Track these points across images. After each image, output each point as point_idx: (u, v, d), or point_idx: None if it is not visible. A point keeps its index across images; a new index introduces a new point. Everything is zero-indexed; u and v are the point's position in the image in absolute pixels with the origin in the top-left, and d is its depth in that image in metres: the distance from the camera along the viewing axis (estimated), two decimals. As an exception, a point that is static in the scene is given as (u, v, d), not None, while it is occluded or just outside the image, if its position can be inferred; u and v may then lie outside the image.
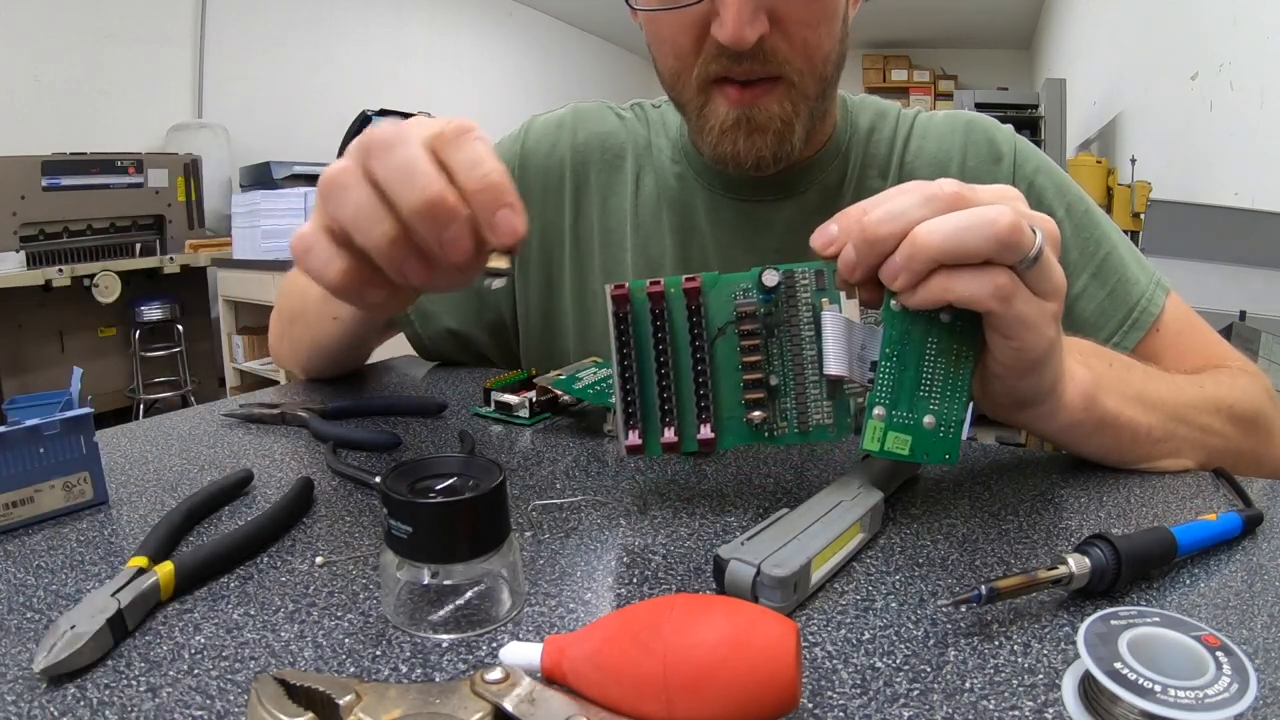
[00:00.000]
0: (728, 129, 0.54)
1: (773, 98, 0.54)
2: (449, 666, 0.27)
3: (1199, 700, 0.21)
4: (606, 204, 0.69)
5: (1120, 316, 0.58)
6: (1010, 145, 0.64)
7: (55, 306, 2.94)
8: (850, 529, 0.34)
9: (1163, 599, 0.32)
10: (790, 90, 0.54)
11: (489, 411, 0.56)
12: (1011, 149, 0.63)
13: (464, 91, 5.76)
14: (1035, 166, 0.63)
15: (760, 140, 0.54)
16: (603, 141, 0.70)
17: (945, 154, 0.64)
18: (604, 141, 0.70)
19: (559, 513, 0.40)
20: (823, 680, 0.26)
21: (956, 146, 0.64)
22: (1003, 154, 0.63)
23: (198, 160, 3.41)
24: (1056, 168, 0.64)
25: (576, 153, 0.70)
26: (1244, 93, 2.20)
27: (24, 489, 0.38)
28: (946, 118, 0.66)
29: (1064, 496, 0.43)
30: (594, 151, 0.70)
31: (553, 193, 0.70)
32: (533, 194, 0.70)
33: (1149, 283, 0.59)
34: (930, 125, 0.66)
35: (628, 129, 0.70)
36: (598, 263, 0.69)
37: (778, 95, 0.54)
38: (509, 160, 0.72)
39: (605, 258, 0.68)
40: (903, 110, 0.68)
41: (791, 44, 0.52)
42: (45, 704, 0.25)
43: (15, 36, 3.20)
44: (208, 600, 0.31)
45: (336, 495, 0.42)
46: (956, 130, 0.65)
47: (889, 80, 7.32)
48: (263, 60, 4.28)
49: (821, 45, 0.53)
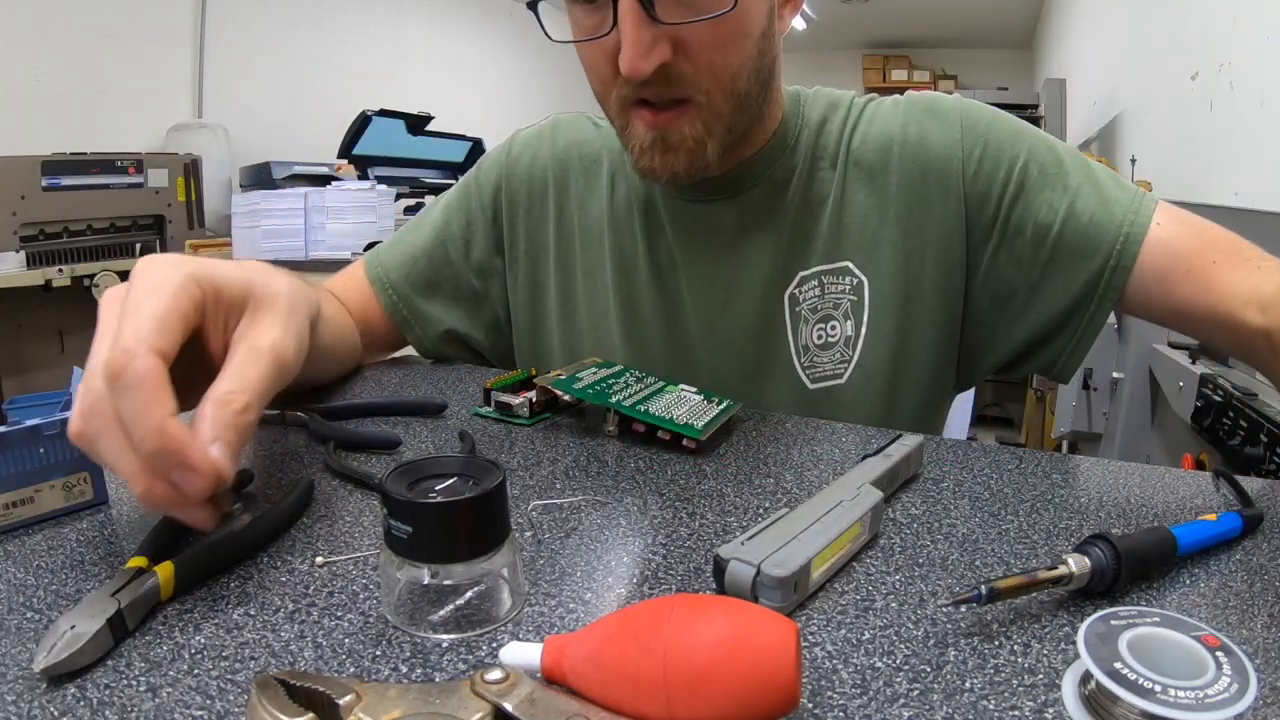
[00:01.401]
0: (645, 148, 0.58)
1: (684, 120, 0.56)
2: (449, 666, 0.27)
3: (1199, 700, 0.21)
4: (585, 207, 0.72)
5: (1113, 234, 0.57)
6: (956, 107, 0.64)
7: (55, 306, 2.94)
8: (850, 529, 0.34)
9: (1163, 599, 0.32)
10: (700, 111, 0.56)
11: (489, 411, 0.56)
12: (958, 111, 0.63)
13: (464, 91, 5.76)
14: (987, 122, 0.63)
15: (673, 158, 0.58)
16: (580, 149, 0.74)
17: (887, 135, 0.64)
18: (581, 149, 0.74)
19: (559, 513, 0.40)
20: (823, 680, 0.26)
21: (898, 124, 0.64)
22: (949, 117, 0.63)
23: (198, 160, 3.41)
24: (1011, 118, 0.64)
25: (557, 160, 0.74)
26: (1244, 93, 2.20)
27: (24, 489, 0.38)
28: (894, 101, 0.67)
29: (1064, 496, 0.43)
30: (573, 159, 0.74)
31: (536, 199, 0.74)
32: (519, 201, 0.74)
33: (1129, 196, 0.59)
34: (879, 110, 0.67)
35: (603, 137, 0.73)
36: (579, 262, 0.72)
37: (689, 117, 0.56)
38: (497, 172, 0.75)
39: (585, 257, 0.71)
40: (855, 99, 0.68)
41: (697, 67, 0.54)
42: (45, 704, 0.25)
43: (15, 36, 3.20)
44: (208, 600, 0.31)
45: (336, 495, 0.42)
46: (899, 109, 0.65)
47: (889, 80, 7.31)
48: (263, 60, 4.28)
49: (729, 65, 0.55)
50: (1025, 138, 0.62)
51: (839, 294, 0.64)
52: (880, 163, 0.64)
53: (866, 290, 0.64)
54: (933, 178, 0.62)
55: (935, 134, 0.63)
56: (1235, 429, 1.12)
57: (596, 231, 0.71)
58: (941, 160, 0.62)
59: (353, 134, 3.62)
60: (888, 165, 0.64)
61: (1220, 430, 1.17)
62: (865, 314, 0.64)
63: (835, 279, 0.64)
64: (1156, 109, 3.14)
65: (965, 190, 0.62)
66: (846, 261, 0.64)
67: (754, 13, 0.55)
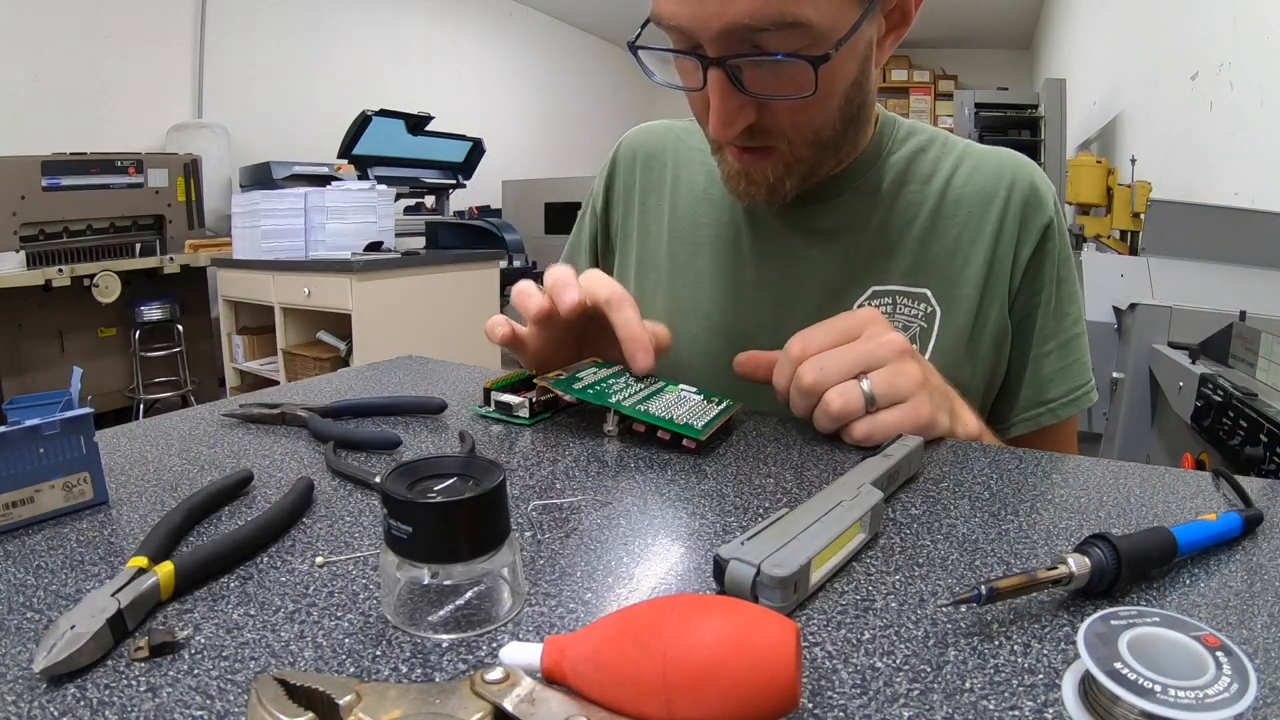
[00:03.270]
0: (732, 176, 0.63)
1: (766, 163, 0.60)
2: (449, 666, 0.27)
3: (1199, 700, 0.21)
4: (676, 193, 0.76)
5: (1069, 388, 0.67)
6: (1051, 204, 0.67)
7: (55, 306, 2.94)
8: (850, 529, 0.34)
9: (1163, 599, 0.32)
10: (783, 157, 0.59)
11: (489, 411, 0.56)
12: (1052, 208, 0.67)
13: (464, 91, 5.76)
14: (1062, 233, 0.68)
15: (755, 190, 0.62)
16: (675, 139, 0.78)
17: (992, 184, 0.67)
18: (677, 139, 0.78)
19: (559, 513, 0.40)
20: (823, 680, 0.26)
21: (1005, 182, 0.67)
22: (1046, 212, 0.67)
23: (198, 160, 3.41)
24: (1069, 242, 0.69)
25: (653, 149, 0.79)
26: (1244, 93, 2.20)
27: (24, 489, 0.38)
28: (997, 153, 0.70)
29: (1064, 496, 0.43)
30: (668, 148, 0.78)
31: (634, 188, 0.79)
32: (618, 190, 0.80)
33: (1090, 378, 0.69)
34: (986, 157, 0.69)
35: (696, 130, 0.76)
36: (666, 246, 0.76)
37: (771, 161, 0.60)
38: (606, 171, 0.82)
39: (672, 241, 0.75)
40: (951, 136, 0.72)
41: (781, 123, 0.57)
42: (45, 704, 0.25)
43: (15, 36, 3.20)
44: (208, 600, 0.31)
45: (336, 495, 0.42)
46: (1007, 165, 0.68)
47: (889, 80, 7.31)
48: (263, 60, 4.28)
49: (812, 123, 0.57)
50: (1064, 269, 0.68)
51: (910, 317, 0.66)
52: (979, 210, 0.67)
53: (938, 321, 0.65)
54: (1020, 239, 0.66)
55: (1032, 215, 0.66)
56: (1235, 429, 1.12)
57: (689, 218, 0.74)
58: (1036, 227, 0.66)
59: (353, 134, 3.62)
60: (985, 215, 0.66)
61: (1220, 430, 1.17)
62: (931, 344, 0.65)
63: (911, 302, 0.66)
64: (1156, 109, 3.14)
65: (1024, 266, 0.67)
66: (925, 289, 0.66)
67: (842, 75, 0.55)
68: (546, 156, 6.36)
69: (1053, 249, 0.67)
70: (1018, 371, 0.69)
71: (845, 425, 0.50)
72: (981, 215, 0.66)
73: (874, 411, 0.49)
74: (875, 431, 0.49)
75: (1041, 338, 0.67)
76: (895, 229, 0.67)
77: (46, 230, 2.90)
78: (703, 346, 0.70)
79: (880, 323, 0.52)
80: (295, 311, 2.90)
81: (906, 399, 0.50)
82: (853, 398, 0.49)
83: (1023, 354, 0.68)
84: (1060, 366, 0.68)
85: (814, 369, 0.50)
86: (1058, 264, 0.67)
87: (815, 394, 0.50)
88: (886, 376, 0.49)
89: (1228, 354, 1.40)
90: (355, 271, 2.63)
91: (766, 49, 0.50)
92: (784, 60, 0.51)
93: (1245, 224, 1.90)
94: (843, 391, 0.49)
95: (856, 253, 0.67)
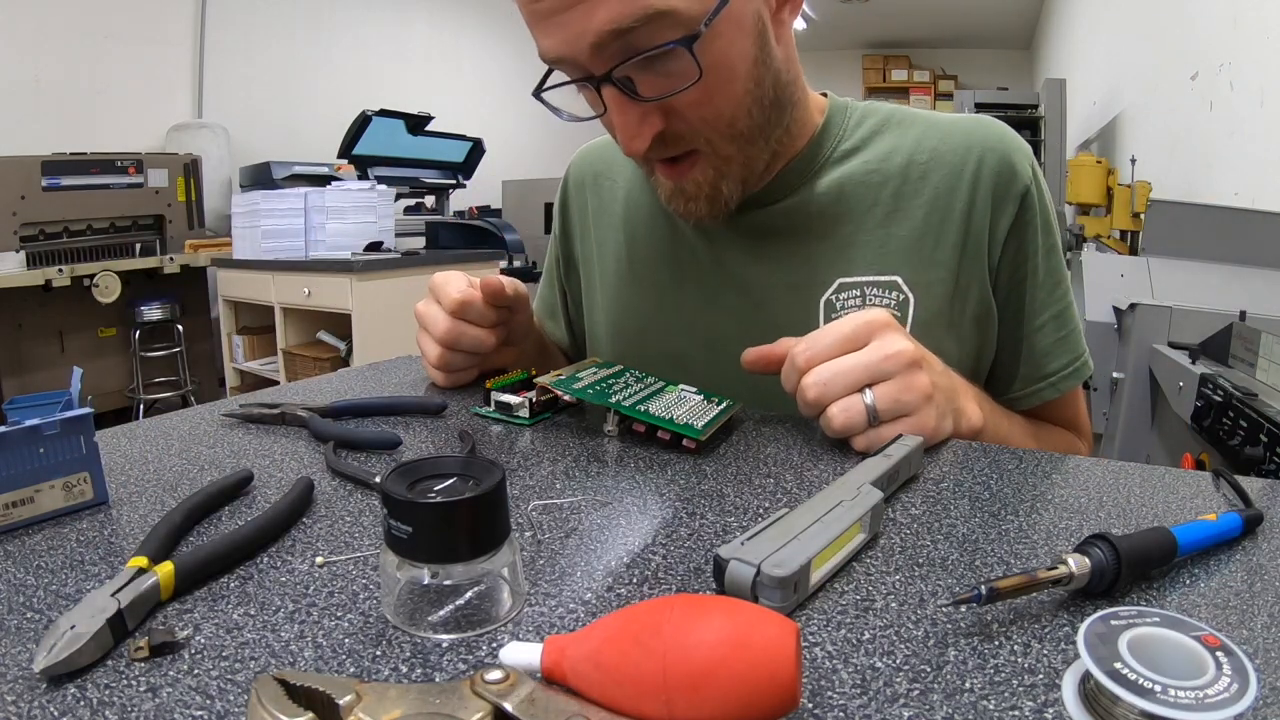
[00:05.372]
0: (670, 196, 0.61)
1: (695, 170, 0.58)
2: (449, 666, 0.27)
3: (1199, 700, 0.21)
4: (627, 206, 0.75)
5: (1068, 360, 0.66)
6: (1028, 169, 0.63)
7: (55, 306, 2.94)
8: (850, 529, 0.34)
9: (1163, 599, 0.32)
10: (708, 158, 0.58)
11: (489, 411, 0.56)
12: (1029, 173, 0.63)
13: (464, 91, 5.76)
14: (1043, 198, 0.64)
15: (694, 205, 0.61)
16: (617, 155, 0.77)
17: (959, 157, 0.63)
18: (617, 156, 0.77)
19: (559, 513, 0.40)
20: (823, 680, 0.26)
21: (974, 155, 0.63)
22: (1021, 179, 0.63)
23: (198, 160, 3.41)
24: (1051, 202, 0.66)
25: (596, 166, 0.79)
26: (1244, 93, 2.20)
27: (24, 489, 0.38)
28: (957, 123, 0.66)
29: (1064, 496, 0.43)
30: (614, 163, 0.78)
31: (586, 204, 0.79)
32: (572, 208, 0.81)
33: (1085, 348, 0.67)
34: (954, 127, 0.65)
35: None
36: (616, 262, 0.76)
37: (700, 166, 0.58)
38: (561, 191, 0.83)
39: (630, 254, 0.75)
40: (915, 112, 0.68)
41: (691, 125, 0.55)
42: (45, 704, 0.25)
43: (15, 36, 3.20)
44: (208, 600, 0.31)
45: (336, 495, 0.42)
46: (973, 132, 0.64)
47: (889, 80, 7.32)
48: (263, 60, 4.28)
49: (722, 114, 0.56)
50: (1050, 235, 0.65)
51: (882, 308, 0.62)
52: (946, 185, 0.63)
53: (911, 308, 0.62)
54: (995, 212, 0.63)
55: (1007, 184, 0.62)
56: (1235, 429, 1.12)
57: (643, 228, 0.73)
58: (1012, 196, 0.62)
59: (353, 134, 3.61)
60: (954, 189, 0.63)
61: (1220, 430, 1.17)
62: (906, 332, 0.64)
63: (881, 292, 0.63)
64: (1156, 109, 3.14)
65: (1003, 240, 0.63)
66: (896, 276, 0.63)
67: (735, 55, 0.53)
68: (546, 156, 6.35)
69: (1033, 218, 0.63)
70: (1012, 347, 0.66)
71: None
72: (950, 190, 0.62)
73: (877, 425, 0.48)
74: (877, 445, 0.48)
75: (1034, 310, 0.65)
76: (855, 217, 0.64)
77: (46, 230, 2.89)
78: (674, 360, 0.68)
79: (891, 328, 0.50)
80: (295, 311, 2.90)
81: (911, 413, 0.49)
82: (855, 414, 0.48)
83: (1014, 329, 0.66)
84: (1057, 338, 0.65)
85: (817, 384, 0.49)
86: (1040, 232, 0.63)
87: (818, 409, 0.49)
88: (892, 391, 0.48)
89: (1228, 354, 1.39)
90: (355, 271, 2.63)
91: (642, 48, 0.49)
92: (663, 55, 0.50)
93: (1245, 224, 1.90)
94: (845, 408, 0.48)
95: (818, 248, 0.64)
